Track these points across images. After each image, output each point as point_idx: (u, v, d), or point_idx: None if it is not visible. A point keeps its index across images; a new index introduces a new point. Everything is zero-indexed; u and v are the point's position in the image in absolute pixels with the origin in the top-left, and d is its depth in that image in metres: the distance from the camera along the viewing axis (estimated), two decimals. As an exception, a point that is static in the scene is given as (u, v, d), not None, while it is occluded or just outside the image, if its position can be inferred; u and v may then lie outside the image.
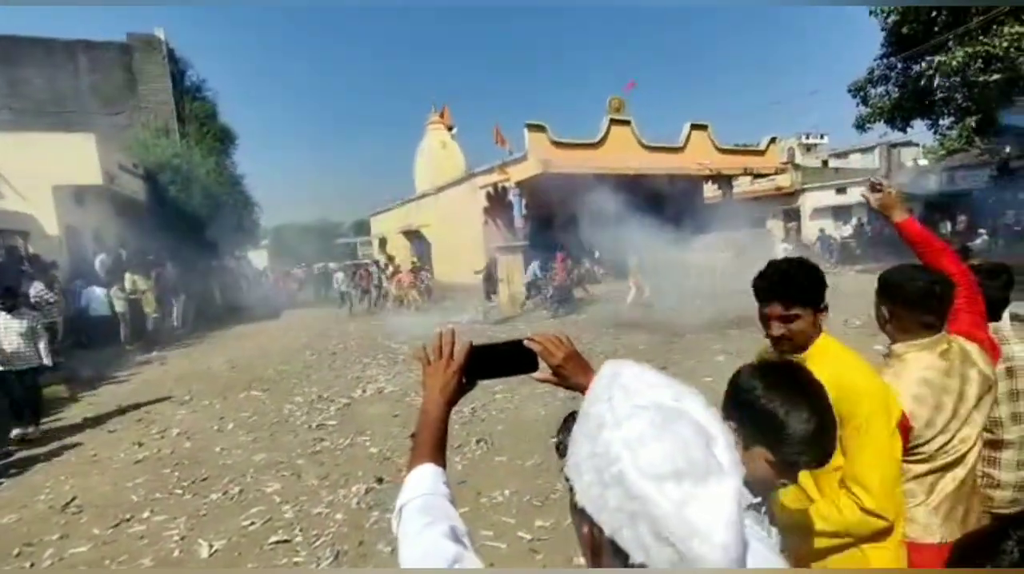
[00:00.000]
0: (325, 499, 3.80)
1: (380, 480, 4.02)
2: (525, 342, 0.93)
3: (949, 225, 21.71)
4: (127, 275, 11.84)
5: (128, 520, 3.69)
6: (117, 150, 13.48)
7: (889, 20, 14.72)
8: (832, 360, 1.31)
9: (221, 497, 3.98)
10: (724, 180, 20.88)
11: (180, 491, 4.13)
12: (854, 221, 25.35)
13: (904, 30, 14.21)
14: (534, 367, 0.94)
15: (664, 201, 17.56)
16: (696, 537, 0.45)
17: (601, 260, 18.34)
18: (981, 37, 12.34)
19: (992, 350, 1.59)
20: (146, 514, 3.76)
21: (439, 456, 0.85)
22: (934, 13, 13.17)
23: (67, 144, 11.75)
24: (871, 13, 15.14)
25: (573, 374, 0.94)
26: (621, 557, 0.49)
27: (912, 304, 1.43)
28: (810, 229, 26.82)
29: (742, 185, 25.34)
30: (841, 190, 28.00)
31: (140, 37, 17.84)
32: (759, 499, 0.96)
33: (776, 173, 24.44)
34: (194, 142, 17.83)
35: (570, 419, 1.18)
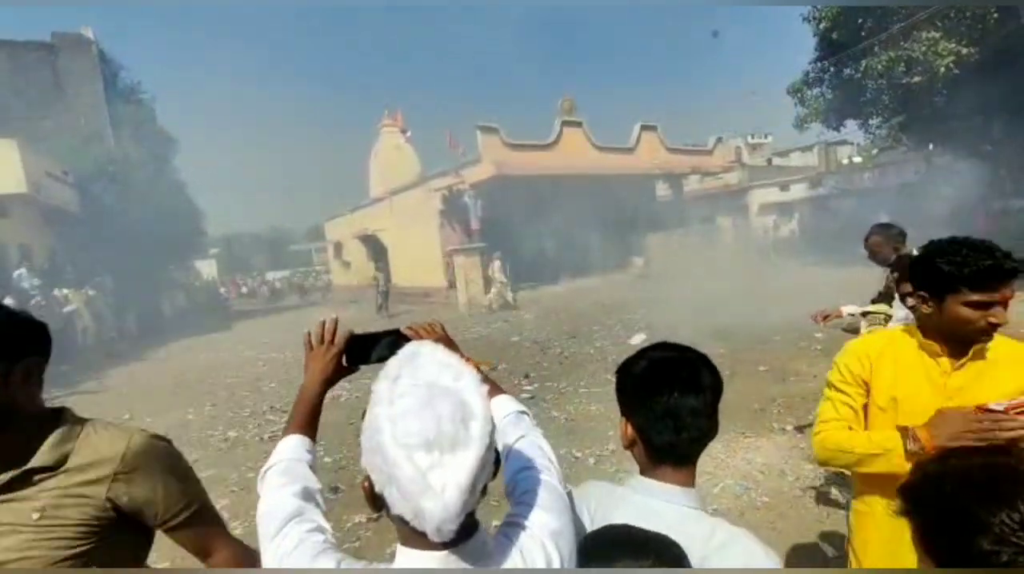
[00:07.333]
0: (277, 513, 3.67)
1: (335, 489, 3.92)
2: (403, 329, 1.04)
3: (883, 216, 23.15)
4: (57, 290, 11.12)
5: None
6: (44, 157, 12.64)
7: (821, 26, 15.58)
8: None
9: (165, 518, 3.78)
10: (674, 179, 21.52)
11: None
12: (796, 217, 26.64)
13: (834, 35, 15.07)
14: None
15: (618, 200, 17.95)
16: (427, 494, 0.57)
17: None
18: (902, 42, 13.23)
19: None
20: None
21: (308, 428, 0.97)
22: (860, 20, 13.99)
23: (-14, 151, 10.96)
24: (804, 19, 15.98)
25: None
26: (387, 508, 0.62)
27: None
28: (757, 225, 27.98)
29: (692, 184, 26.20)
30: (784, 187, 29.39)
31: (66, 36, 16.80)
32: None
33: (724, 172, 25.40)
34: (130, 148, 16.91)
35: None
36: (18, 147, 11.17)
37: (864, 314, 2.69)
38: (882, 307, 2.63)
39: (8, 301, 9.10)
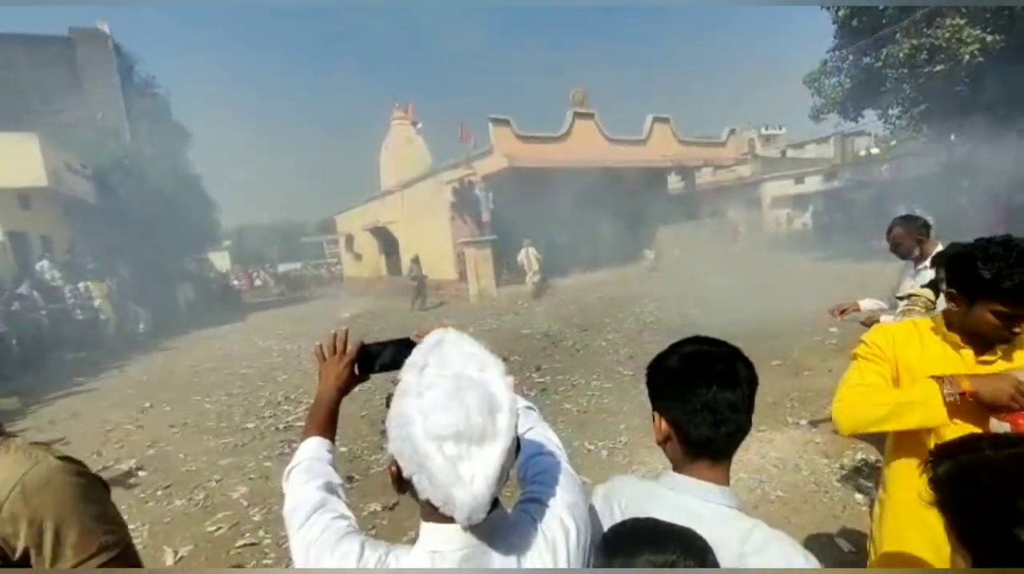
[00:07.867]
0: (294, 500, 3.74)
1: (350, 478, 3.97)
2: (412, 337, 1.02)
3: (902, 209, 22.71)
4: (82, 283, 11.34)
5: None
6: (62, 150, 12.83)
7: (840, 13, 15.24)
8: None
9: (186, 503, 3.88)
10: (687, 171, 21.30)
11: (143, 497, 4.01)
12: (811, 210, 26.26)
13: (854, 23, 14.74)
14: None
15: (629, 193, 17.82)
16: (457, 485, 0.60)
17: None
18: (925, 29, 12.91)
19: None
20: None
21: (327, 431, 1.02)
22: (882, 7, 13.67)
23: (8, 144, 11.12)
24: (823, 7, 15.63)
25: None
26: (414, 492, 0.65)
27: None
28: (770, 218, 27.65)
29: (704, 176, 25.90)
30: (799, 180, 28.96)
31: (83, 31, 16.98)
32: None
33: (736, 164, 25.07)
34: (145, 141, 17.10)
35: None
36: (39, 141, 11.36)
37: (907, 297, 2.52)
38: (927, 292, 2.45)
39: (35, 294, 9.29)
